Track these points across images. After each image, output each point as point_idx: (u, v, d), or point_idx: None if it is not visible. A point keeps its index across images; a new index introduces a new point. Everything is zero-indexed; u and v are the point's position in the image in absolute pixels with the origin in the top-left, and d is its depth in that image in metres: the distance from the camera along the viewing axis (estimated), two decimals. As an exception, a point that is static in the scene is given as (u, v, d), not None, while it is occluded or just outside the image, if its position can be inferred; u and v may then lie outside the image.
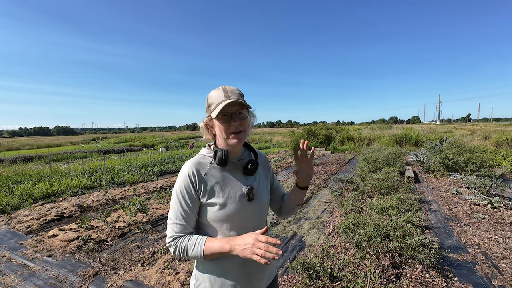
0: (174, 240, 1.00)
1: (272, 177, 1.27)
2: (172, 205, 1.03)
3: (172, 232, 1.01)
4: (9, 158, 15.28)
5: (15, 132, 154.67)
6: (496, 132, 16.53)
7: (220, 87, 1.03)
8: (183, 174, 1.03)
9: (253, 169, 1.09)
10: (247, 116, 1.04)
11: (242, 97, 1.04)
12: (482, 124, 51.68)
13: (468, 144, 9.56)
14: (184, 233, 1.01)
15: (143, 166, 11.11)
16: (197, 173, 1.02)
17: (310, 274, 2.43)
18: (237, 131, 1.01)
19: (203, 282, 1.06)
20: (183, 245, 0.98)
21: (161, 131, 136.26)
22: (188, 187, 1.01)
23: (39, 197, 6.23)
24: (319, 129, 20.90)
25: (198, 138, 42.75)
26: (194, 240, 0.99)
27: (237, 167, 1.10)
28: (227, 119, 0.99)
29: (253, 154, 1.18)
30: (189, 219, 1.02)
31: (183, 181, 1.02)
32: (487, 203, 4.67)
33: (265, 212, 1.16)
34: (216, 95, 1.01)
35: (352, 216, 3.27)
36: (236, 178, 1.08)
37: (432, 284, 2.50)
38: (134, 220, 4.42)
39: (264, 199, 1.14)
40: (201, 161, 1.07)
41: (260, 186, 1.14)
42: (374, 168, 7.45)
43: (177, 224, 1.01)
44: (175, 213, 1.01)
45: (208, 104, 1.04)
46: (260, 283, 1.11)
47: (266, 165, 1.24)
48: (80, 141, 42.95)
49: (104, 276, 2.86)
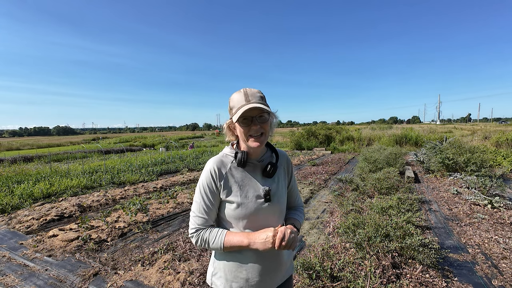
0: (196, 231, 1.07)
1: (290, 178, 1.27)
2: (195, 199, 1.10)
3: (195, 224, 1.07)
4: (9, 158, 15.28)
5: (15, 132, 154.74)
6: (496, 132, 16.54)
7: (241, 90, 1.04)
8: (206, 170, 1.08)
9: (272, 172, 1.11)
10: (268, 119, 1.06)
11: (263, 100, 1.06)
12: (482, 124, 51.68)
13: (468, 144, 9.56)
14: (205, 225, 1.08)
15: (143, 166, 11.11)
16: (219, 171, 1.07)
17: (310, 274, 2.43)
18: (257, 134, 1.03)
19: (219, 271, 1.12)
20: (205, 237, 1.05)
21: (161, 131, 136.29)
22: (210, 184, 1.07)
23: (39, 197, 6.23)
24: (319, 129, 20.90)
25: (198, 138, 42.73)
26: (215, 233, 1.05)
27: (256, 167, 1.13)
28: (248, 122, 1.01)
29: (274, 155, 1.19)
30: (210, 213, 1.08)
31: (205, 178, 1.07)
32: (487, 203, 4.67)
33: (282, 213, 1.18)
34: (237, 98, 1.03)
35: (352, 216, 3.27)
36: (255, 179, 1.11)
37: (432, 284, 2.50)
38: (134, 220, 4.42)
39: (282, 200, 1.16)
40: (223, 159, 1.11)
41: (279, 188, 1.15)
42: (374, 168, 7.45)
43: (199, 217, 1.07)
44: (198, 207, 1.08)
45: (230, 107, 1.07)
46: (273, 281, 1.13)
47: (287, 165, 1.25)
48: (80, 141, 42.93)
49: (104, 276, 2.86)
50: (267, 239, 0.97)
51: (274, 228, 1.00)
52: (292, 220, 1.21)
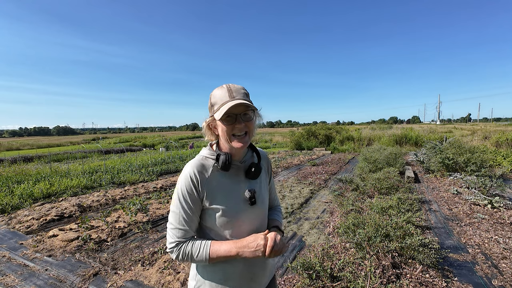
0: (177, 245, 0.96)
1: (270, 178, 1.22)
2: (174, 209, 0.98)
3: (174, 238, 0.97)
4: (9, 158, 15.29)
5: (15, 132, 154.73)
6: (496, 132, 16.54)
7: (224, 86, 0.97)
8: (185, 176, 0.98)
9: (257, 173, 1.05)
10: (253, 117, 0.99)
11: (248, 97, 0.99)
12: (482, 124, 51.70)
13: (468, 144, 9.56)
14: (186, 238, 0.97)
15: (143, 166, 11.12)
16: (200, 176, 0.97)
17: (310, 274, 2.43)
18: (241, 133, 0.96)
19: (203, 285, 1.03)
20: (187, 250, 0.95)
21: (161, 131, 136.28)
22: (190, 190, 0.96)
23: (39, 197, 6.23)
24: (319, 129, 20.91)
25: (198, 138, 42.71)
26: (199, 245, 0.96)
27: (239, 169, 1.05)
28: (232, 120, 0.94)
29: (256, 156, 1.13)
30: (191, 223, 0.98)
31: (185, 184, 0.97)
32: (487, 203, 4.67)
33: (266, 215, 1.14)
34: (220, 94, 0.96)
35: (352, 216, 3.27)
36: (239, 182, 1.04)
37: (432, 284, 2.50)
38: (134, 220, 4.42)
39: (266, 202, 1.12)
40: (204, 163, 1.01)
41: (262, 189, 1.10)
42: (374, 168, 7.45)
43: (179, 229, 0.96)
44: (177, 218, 0.97)
45: (211, 104, 0.99)
46: (260, 286, 1.10)
47: (267, 165, 1.20)
48: (80, 141, 42.94)
49: (104, 276, 2.86)
50: (258, 247, 0.92)
51: (263, 236, 0.95)
52: (275, 222, 1.17)
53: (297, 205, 5.21)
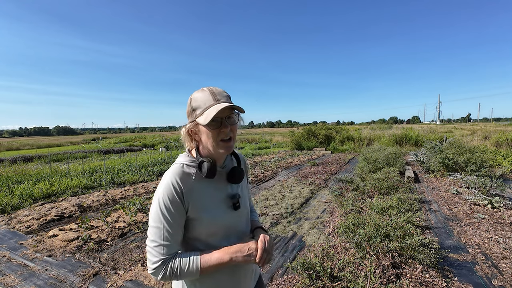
0: (162, 264, 0.87)
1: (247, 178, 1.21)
2: (155, 224, 0.89)
3: (159, 256, 0.88)
4: (9, 158, 15.29)
5: (15, 132, 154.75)
6: (496, 132, 16.54)
7: (205, 89, 0.92)
8: (166, 186, 0.90)
9: (240, 177, 1.03)
10: (237, 121, 0.96)
11: (230, 99, 0.96)
12: (482, 124, 51.70)
13: (468, 144, 9.57)
14: (172, 253, 0.90)
15: (143, 166, 11.12)
16: (183, 185, 0.91)
17: (310, 274, 2.43)
18: (227, 137, 0.93)
19: None
20: (175, 266, 0.88)
21: (161, 131, 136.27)
22: (173, 201, 0.89)
23: (39, 197, 6.23)
24: (319, 129, 20.92)
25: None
26: (187, 259, 0.89)
27: (221, 175, 1.02)
28: (217, 125, 0.90)
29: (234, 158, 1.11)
30: (177, 236, 0.91)
31: (167, 194, 0.89)
32: (487, 203, 4.67)
33: (249, 216, 1.13)
34: (202, 98, 0.91)
35: (352, 216, 3.27)
36: (221, 188, 1.01)
37: (432, 284, 2.50)
38: (134, 220, 4.42)
39: (247, 205, 1.11)
40: (185, 170, 0.95)
41: (243, 192, 1.10)
42: (374, 168, 7.46)
43: (164, 246, 0.88)
44: (159, 233, 0.88)
45: (192, 108, 0.93)
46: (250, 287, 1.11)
47: (245, 167, 1.18)
48: (80, 141, 42.93)
49: (104, 276, 2.86)
50: (250, 251, 0.91)
51: (254, 240, 0.95)
52: (257, 223, 1.17)
53: (297, 205, 5.21)
